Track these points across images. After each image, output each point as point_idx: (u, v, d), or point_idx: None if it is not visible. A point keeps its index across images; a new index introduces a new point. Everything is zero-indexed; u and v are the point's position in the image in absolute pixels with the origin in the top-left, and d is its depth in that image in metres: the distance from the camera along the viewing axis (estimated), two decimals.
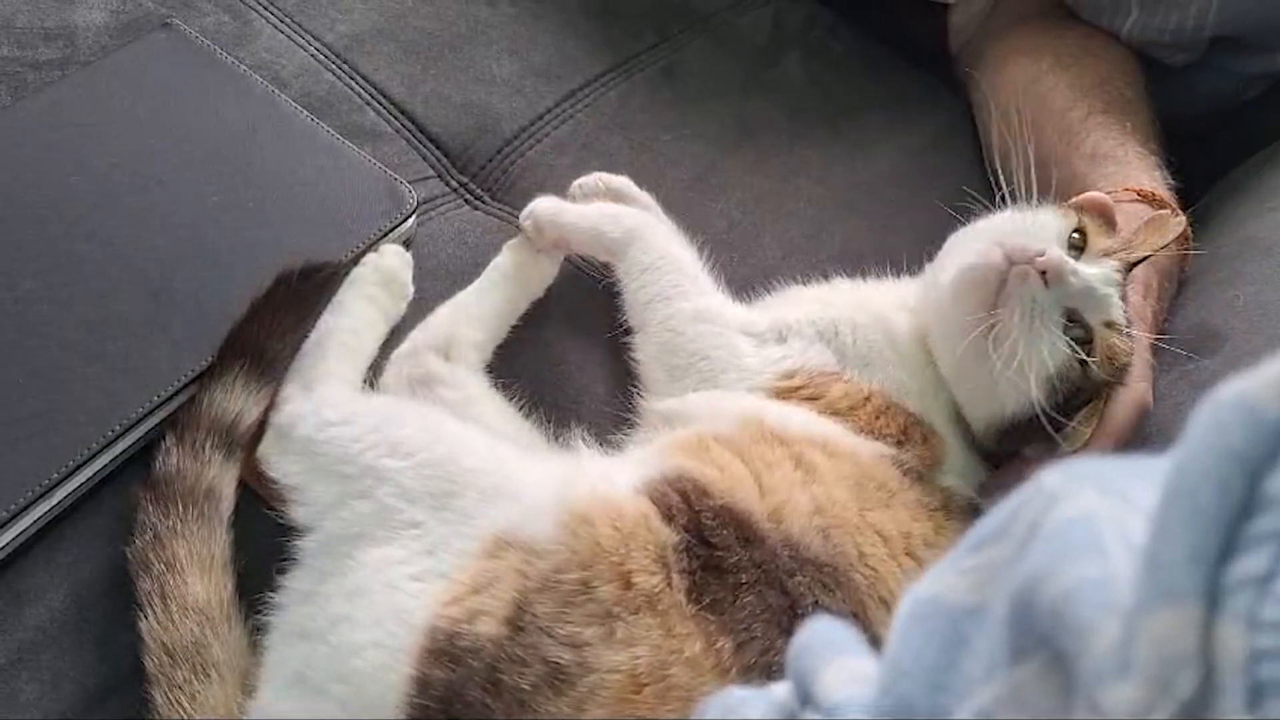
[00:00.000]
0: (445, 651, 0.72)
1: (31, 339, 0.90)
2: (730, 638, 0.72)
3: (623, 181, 1.09)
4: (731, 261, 1.12)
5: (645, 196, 1.08)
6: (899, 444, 0.89)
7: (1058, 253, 0.87)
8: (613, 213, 1.04)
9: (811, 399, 0.91)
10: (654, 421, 0.95)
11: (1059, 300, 0.86)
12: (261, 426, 0.90)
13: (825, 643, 0.51)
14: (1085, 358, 0.86)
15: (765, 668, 0.71)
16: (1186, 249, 1.07)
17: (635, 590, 0.72)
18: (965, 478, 0.91)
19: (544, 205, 1.04)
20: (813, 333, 0.96)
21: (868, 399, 0.91)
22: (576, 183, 1.08)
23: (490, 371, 1.00)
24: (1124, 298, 0.90)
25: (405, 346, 0.98)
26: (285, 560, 0.83)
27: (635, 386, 0.99)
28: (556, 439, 0.94)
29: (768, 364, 0.94)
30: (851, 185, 1.25)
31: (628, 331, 1.01)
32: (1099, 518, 0.36)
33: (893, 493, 0.85)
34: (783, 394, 0.92)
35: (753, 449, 0.85)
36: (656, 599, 0.72)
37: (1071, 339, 0.86)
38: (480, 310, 1.00)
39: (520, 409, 0.98)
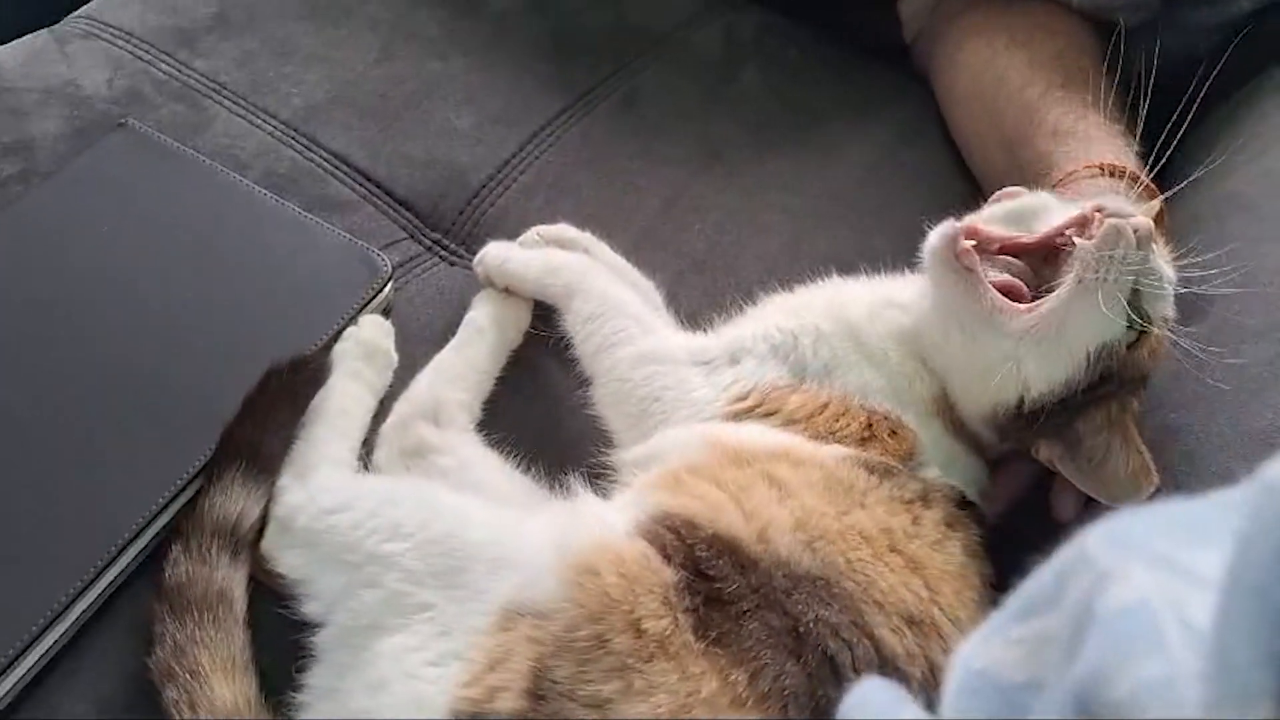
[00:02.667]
0: None
1: (24, 461, 0.90)
2: (742, 669, 0.71)
3: (560, 229, 1.10)
4: (715, 284, 1.12)
5: (588, 238, 1.09)
6: (862, 442, 0.88)
7: (1148, 219, 0.85)
8: (555, 264, 1.04)
9: (768, 415, 0.91)
10: (629, 472, 0.93)
11: (1135, 271, 0.83)
12: (263, 521, 0.89)
13: (877, 707, 0.51)
14: (1136, 336, 0.84)
15: (779, 694, 0.71)
16: (1160, 216, 1.06)
17: (646, 637, 0.72)
18: (949, 469, 0.89)
19: (492, 253, 1.06)
20: (766, 349, 0.94)
21: (825, 405, 0.90)
22: (519, 239, 1.09)
23: (485, 429, 1.00)
24: None
25: (392, 420, 0.97)
26: (303, 658, 0.82)
27: (604, 444, 0.98)
28: (556, 486, 0.93)
29: (719, 391, 0.93)
30: (825, 191, 1.25)
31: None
32: (1154, 603, 0.36)
33: (863, 492, 0.84)
34: (739, 416, 0.91)
35: (723, 473, 0.84)
36: (667, 642, 0.72)
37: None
38: (461, 369, 1.00)
39: (519, 463, 0.97)
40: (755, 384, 0.92)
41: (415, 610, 0.78)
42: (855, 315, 0.95)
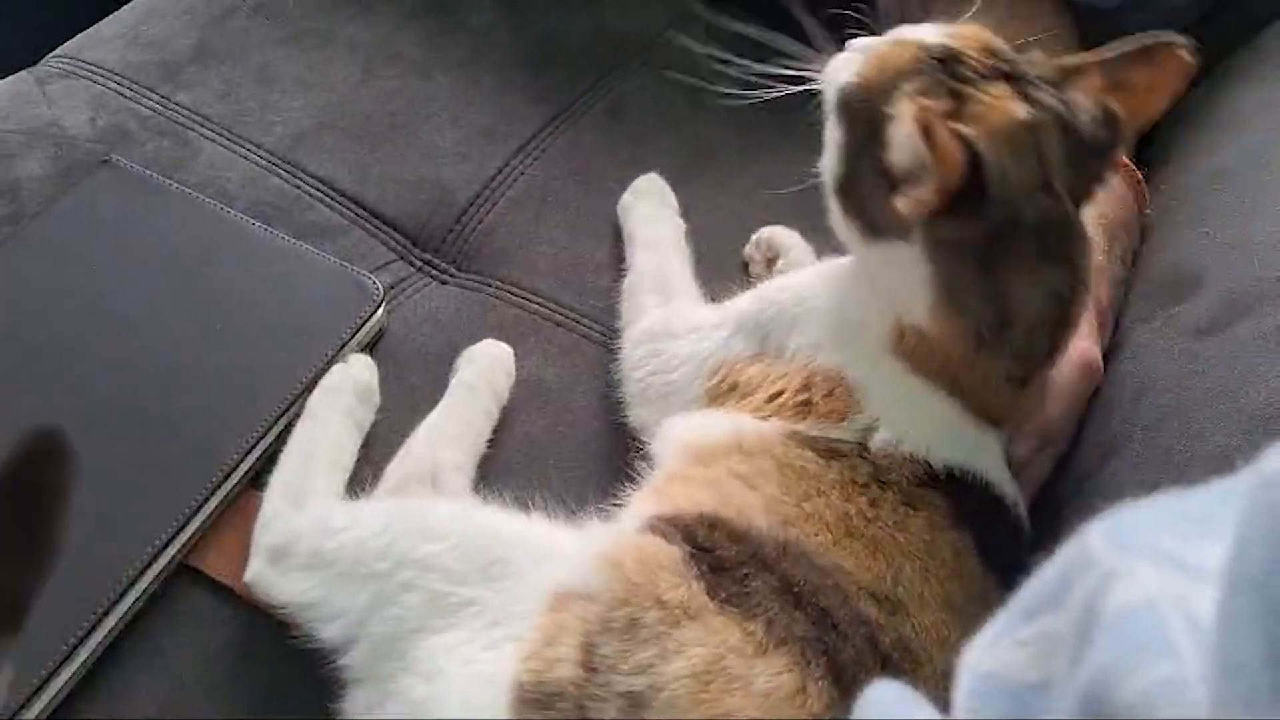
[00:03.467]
0: (535, 700, 0.72)
1: None
2: (757, 621, 0.74)
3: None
4: (711, 289, 1.11)
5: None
6: (800, 409, 0.88)
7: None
8: (626, 204, 1.18)
9: (732, 389, 0.92)
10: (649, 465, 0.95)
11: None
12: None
13: (888, 706, 0.51)
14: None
15: (796, 640, 0.73)
16: (1141, 196, 1.06)
17: (669, 606, 0.74)
18: (908, 427, 0.86)
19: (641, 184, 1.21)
20: (747, 308, 0.96)
21: (768, 370, 0.91)
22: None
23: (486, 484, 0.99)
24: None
25: (386, 485, 0.95)
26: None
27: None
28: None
29: (696, 367, 0.95)
30: (815, 187, 1.24)
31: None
32: (1160, 604, 0.35)
33: (816, 476, 0.84)
34: (714, 395, 0.93)
35: (694, 472, 0.86)
36: (688, 606, 0.74)
37: None
38: (455, 429, 0.99)
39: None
40: (725, 356, 0.94)
41: (461, 607, 0.78)
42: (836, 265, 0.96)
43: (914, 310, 0.84)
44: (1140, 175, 1.07)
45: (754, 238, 1.18)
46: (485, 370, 1.03)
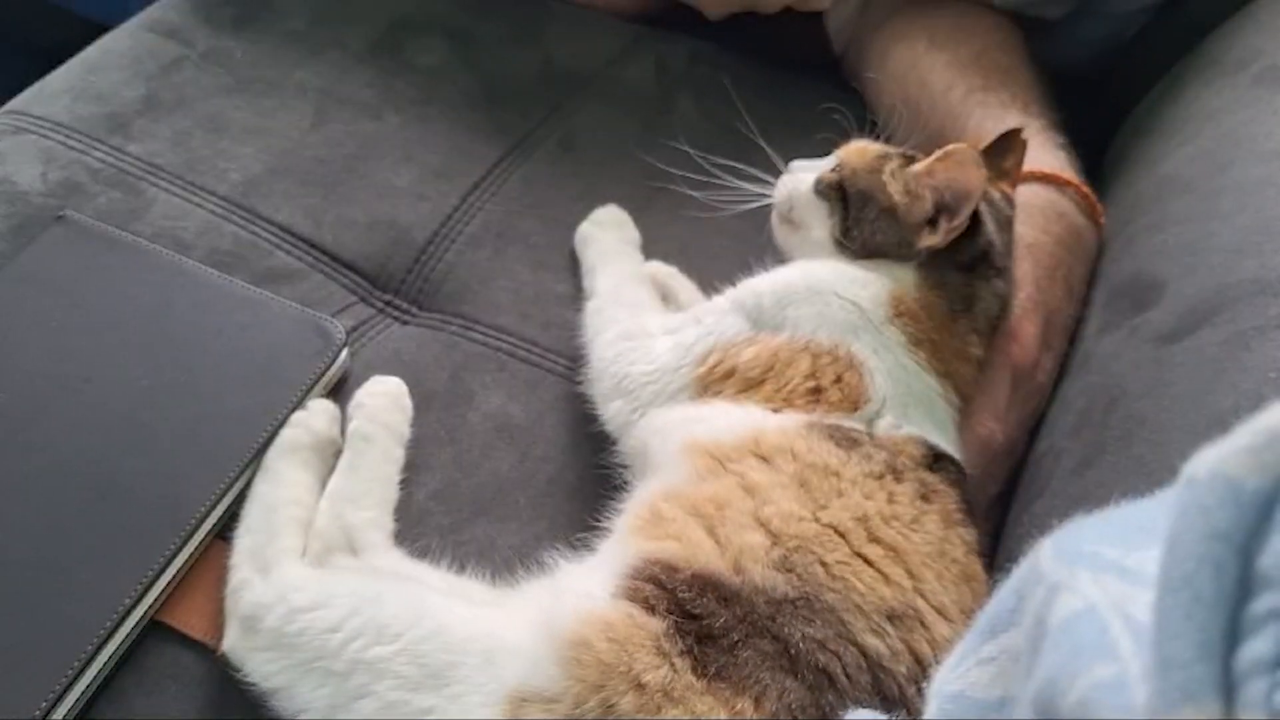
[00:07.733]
0: None
1: None
2: (746, 696, 0.72)
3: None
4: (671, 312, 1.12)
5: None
6: (814, 399, 0.90)
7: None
8: (586, 235, 1.19)
9: (728, 375, 0.93)
10: (628, 464, 0.96)
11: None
12: None
13: None
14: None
15: (787, 710, 0.72)
16: (1093, 208, 1.08)
17: (649, 690, 0.72)
18: (909, 406, 0.91)
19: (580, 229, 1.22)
20: (728, 304, 0.99)
21: (775, 354, 0.92)
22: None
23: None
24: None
25: (310, 557, 0.91)
26: None
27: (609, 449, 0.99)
28: (530, 569, 0.90)
29: (683, 354, 0.96)
30: (769, 211, 1.25)
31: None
32: (1100, 609, 0.36)
33: (838, 473, 0.84)
34: (705, 382, 0.94)
35: (700, 492, 0.84)
36: (670, 689, 0.72)
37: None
38: (359, 488, 0.96)
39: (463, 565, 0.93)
40: (715, 341, 0.95)
41: (417, 715, 0.75)
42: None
43: (904, 283, 0.95)
44: (1089, 190, 1.08)
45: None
46: (376, 414, 1.01)
